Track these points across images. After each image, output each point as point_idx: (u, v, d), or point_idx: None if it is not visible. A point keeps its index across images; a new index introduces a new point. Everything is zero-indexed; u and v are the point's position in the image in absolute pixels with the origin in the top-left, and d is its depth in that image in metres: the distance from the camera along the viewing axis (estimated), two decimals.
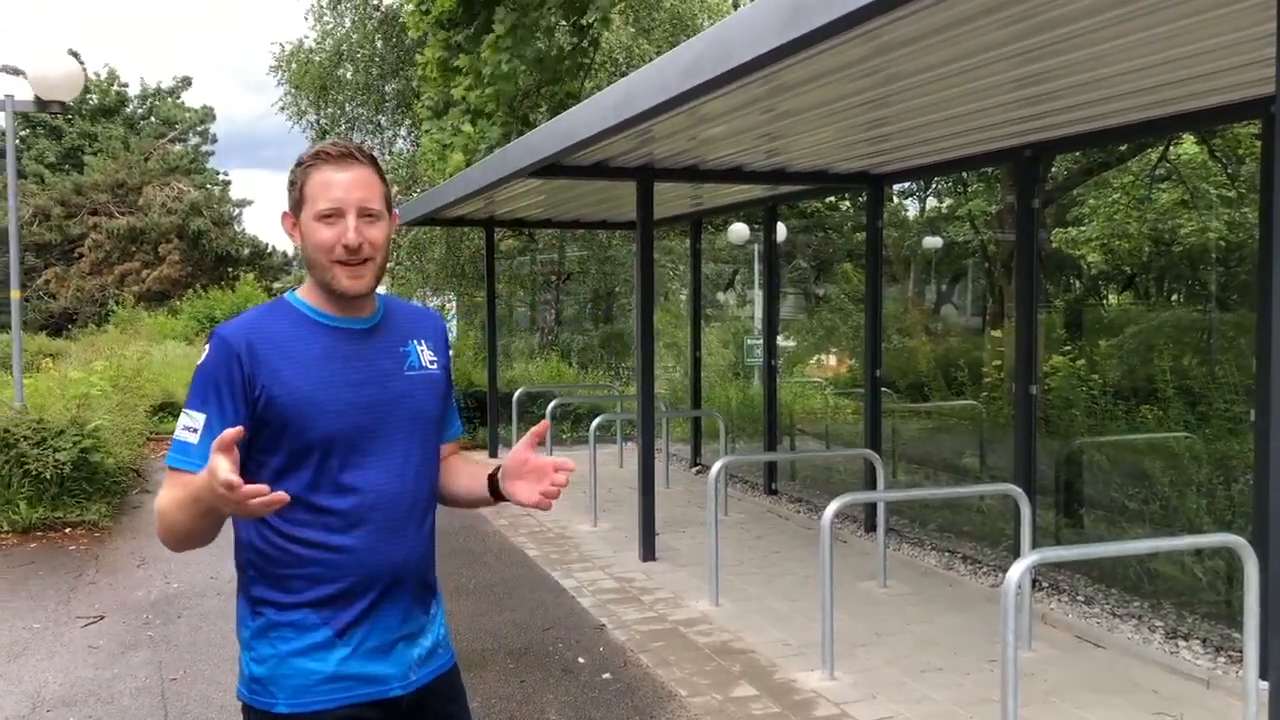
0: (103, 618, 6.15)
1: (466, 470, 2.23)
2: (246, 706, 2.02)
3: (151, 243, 30.86)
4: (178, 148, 35.79)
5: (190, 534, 1.89)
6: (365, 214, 1.97)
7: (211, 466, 1.67)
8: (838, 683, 4.92)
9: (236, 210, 34.92)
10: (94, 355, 15.40)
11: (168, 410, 14.28)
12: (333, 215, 1.96)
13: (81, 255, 30.83)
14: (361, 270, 1.98)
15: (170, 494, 1.90)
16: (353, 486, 1.97)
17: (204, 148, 37.98)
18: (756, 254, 17.08)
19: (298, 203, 2.01)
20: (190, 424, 1.93)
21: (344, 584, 1.97)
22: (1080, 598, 6.11)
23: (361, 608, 1.98)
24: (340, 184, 1.96)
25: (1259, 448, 4.89)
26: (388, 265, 2.10)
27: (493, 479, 2.13)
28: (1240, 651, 4.48)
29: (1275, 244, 2.56)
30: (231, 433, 1.68)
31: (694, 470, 11.14)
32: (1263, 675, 3.99)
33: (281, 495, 1.70)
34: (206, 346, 1.97)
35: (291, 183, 2.02)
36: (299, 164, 2.01)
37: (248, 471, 1.97)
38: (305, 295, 2.06)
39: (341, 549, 1.96)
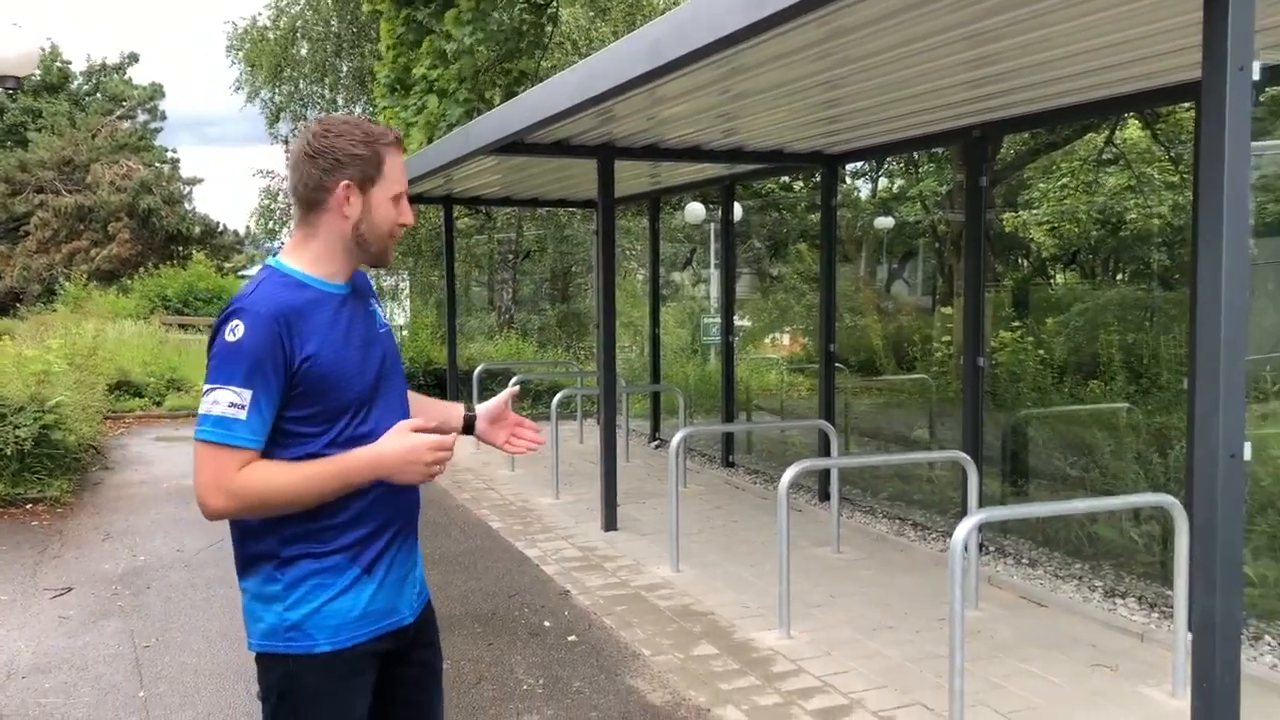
0: (70, 589, 6.20)
1: (428, 402, 2.47)
2: (272, 656, 2.10)
3: (100, 221, 30.39)
4: (126, 125, 35.19)
5: (304, 505, 2.05)
6: None
7: (433, 442, 2.07)
8: (794, 641, 5.14)
9: (187, 188, 34.43)
10: (45, 334, 15.23)
11: (124, 389, 14.19)
12: (401, 197, 2.17)
13: (28, 233, 30.28)
14: None
15: (284, 472, 2.01)
16: (370, 435, 2.12)
17: (152, 125, 37.39)
18: (712, 233, 17.25)
19: (372, 178, 2.12)
20: (236, 400, 1.97)
21: (371, 526, 2.14)
22: (1025, 560, 6.38)
23: (381, 545, 2.16)
24: (404, 169, 2.21)
25: (1190, 414, 5.16)
26: None
27: (468, 420, 2.49)
28: (1172, 607, 4.74)
29: (1203, 218, 2.78)
30: (449, 439, 2.13)
31: (653, 445, 11.32)
32: (1190, 627, 4.24)
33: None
34: (239, 324, 1.98)
35: (363, 156, 2.09)
36: (371, 139, 2.11)
37: (272, 439, 2.05)
38: (297, 263, 2.13)
39: (368, 494, 2.11)
